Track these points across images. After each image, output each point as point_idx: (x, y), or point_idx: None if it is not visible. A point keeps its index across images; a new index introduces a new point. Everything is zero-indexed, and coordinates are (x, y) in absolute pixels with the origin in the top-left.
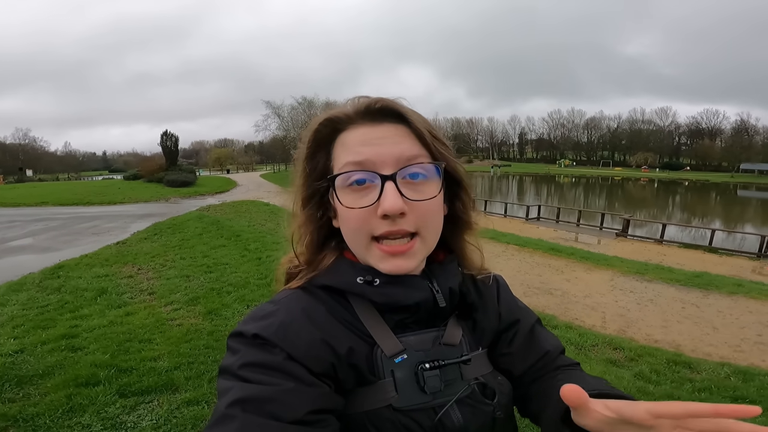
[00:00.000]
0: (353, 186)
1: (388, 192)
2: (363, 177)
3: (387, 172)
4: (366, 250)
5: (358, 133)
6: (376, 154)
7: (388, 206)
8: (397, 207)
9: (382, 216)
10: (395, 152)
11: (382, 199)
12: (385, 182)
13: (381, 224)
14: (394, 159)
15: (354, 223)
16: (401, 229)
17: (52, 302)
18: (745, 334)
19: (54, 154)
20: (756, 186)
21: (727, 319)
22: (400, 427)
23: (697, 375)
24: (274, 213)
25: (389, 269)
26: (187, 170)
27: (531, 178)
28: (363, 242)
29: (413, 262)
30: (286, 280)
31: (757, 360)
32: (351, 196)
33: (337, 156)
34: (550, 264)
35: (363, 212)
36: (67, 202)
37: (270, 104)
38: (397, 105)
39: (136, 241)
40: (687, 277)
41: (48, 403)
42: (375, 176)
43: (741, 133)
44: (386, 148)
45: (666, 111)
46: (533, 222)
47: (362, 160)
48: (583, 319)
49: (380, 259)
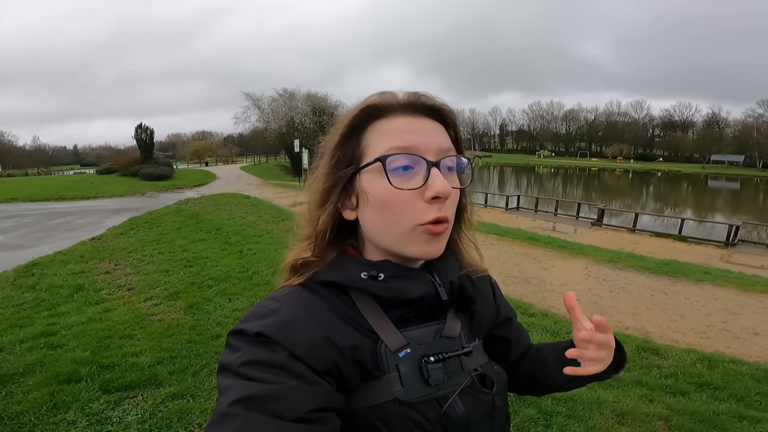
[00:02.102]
0: (397, 172)
1: (437, 176)
2: (408, 163)
3: (432, 159)
4: (407, 235)
5: (401, 122)
6: (421, 141)
7: (440, 188)
8: (448, 189)
9: (431, 199)
10: (437, 143)
11: (433, 182)
12: (431, 168)
13: (429, 209)
14: (436, 148)
15: (400, 206)
16: (445, 215)
17: (28, 300)
18: (710, 321)
19: (22, 149)
20: (726, 177)
21: (693, 306)
22: (406, 419)
23: (664, 362)
24: (254, 205)
25: (430, 252)
26: (164, 163)
27: (511, 168)
28: (407, 226)
29: (443, 245)
30: (291, 273)
31: (721, 347)
32: (396, 181)
33: (375, 142)
34: (528, 253)
35: (410, 195)
36: (38, 198)
37: (250, 96)
38: (437, 101)
39: (112, 237)
40: (657, 265)
41: (31, 401)
42: (420, 162)
43: (712, 126)
44: (429, 137)
45: (641, 104)
46: (513, 212)
47: (408, 146)
48: (558, 307)
49: (423, 241)
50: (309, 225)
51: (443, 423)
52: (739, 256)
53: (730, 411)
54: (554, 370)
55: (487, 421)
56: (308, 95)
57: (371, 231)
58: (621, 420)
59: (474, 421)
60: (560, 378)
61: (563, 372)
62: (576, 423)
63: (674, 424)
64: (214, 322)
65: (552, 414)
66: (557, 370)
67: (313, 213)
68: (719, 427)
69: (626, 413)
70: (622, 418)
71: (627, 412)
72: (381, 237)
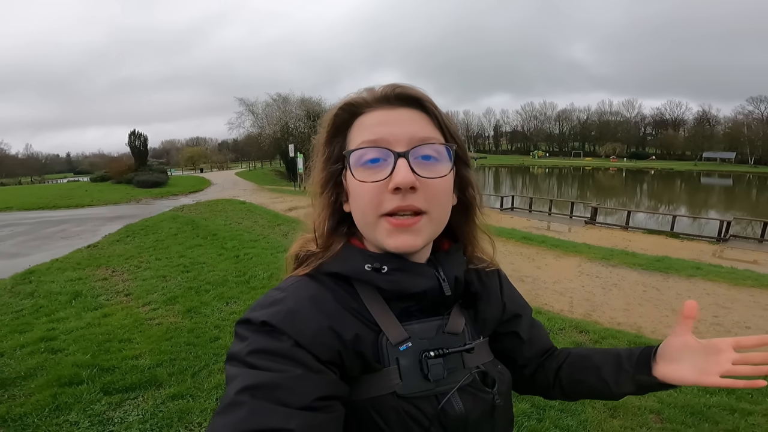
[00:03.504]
0: (367, 165)
1: (401, 167)
2: (377, 155)
3: (400, 150)
4: (374, 227)
5: (375, 116)
6: (390, 133)
7: (399, 179)
8: (408, 180)
9: (393, 190)
10: (409, 132)
11: (395, 173)
12: (398, 159)
13: (392, 199)
14: (407, 138)
15: (365, 198)
16: (410, 205)
17: (26, 307)
18: (702, 316)
19: (15, 157)
20: (718, 173)
21: (685, 301)
22: (403, 414)
23: None
24: (250, 211)
25: (396, 245)
26: (158, 170)
27: (506, 169)
28: (372, 218)
29: (419, 239)
30: (296, 265)
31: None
32: (364, 173)
33: (353, 138)
34: (521, 252)
35: (375, 187)
36: (32, 207)
37: (244, 101)
38: (412, 90)
39: (108, 244)
40: (649, 261)
41: (34, 403)
42: (388, 153)
43: (703, 123)
44: (400, 128)
45: (632, 102)
46: (507, 212)
47: (377, 138)
48: (552, 304)
49: (388, 234)
50: (312, 219)
51: (441, 419)
52: (731, 252)
53: (722, 404)
54: (613, 380)
55: (488, 420)
56: (302, 100)
57: (356, 223)
58: (613, 413)
59: (473, 419)
60: (621, 390)
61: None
62: (568, 417)
63: (666, 417)
64: (213, 325)
65: (545, 408)
66: (618, 381)
67: (314, 207)
68: (711, 420)
69: (618, 407)
70: (614, 412)
71: (619, 405)
72: (362, 229)
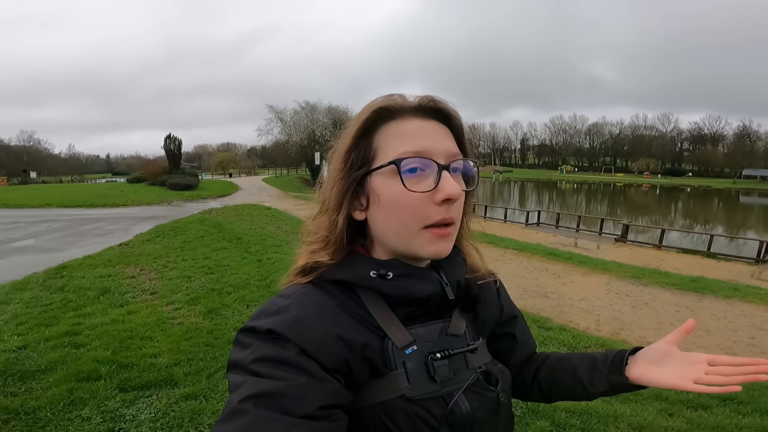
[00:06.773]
0: (407, 174)
1: (449, 179)
2: (421, 165)
3: (442, 162)
4: (414, 237)
5: (413, 125)
6: (432, 145)
7: (451, 190)
8: (458, 192)
9: (441, 201)
10: (446, 146)
11: (444, 185)
12: (441, 171)
13: (437, 210)
14: (445, 152)
15: (410, 208)
16: (452, 217)
17: (56, 301)
18: (737, 337)
19: (58, 157)
20: (758, 192)
21: (720, 322)
22: (412, 416)
23: None
24: (275, 217)
25: (435, 251)
26: (190, 173)
27: (533, 184)
28: (415, 229)
29: (451, 245)
30: (300, 274)
31: None
32: (408, 183)
33: (387, 144)
34: (547, 268)
35: (421, 197)
36: (71, 204)
37: (273, 108)
38: (446, 105)
39: (139, 243)
40: (683, 281)
41: (50, 397)
42: (432, 164)
43: (743, 139)
44: (438, 141)
45: (668, 117)
46: (533, 227)
47: (422, 150)
48: (577, 322)
49: (428, 242)
50: (325, 229)
51: (449, 420)
52: None
53: (754, 425)
54: (588, 380)
55: (492, 418)
56: (329, 108)
57: (381, 231)
58: None
59: (479, 418)
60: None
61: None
62: None
63: None
64: (232, 327)
65: (566, 427)
66: (593, 381)
67: (331, 216)
68: None
69: (644, 427)
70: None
71: (645, 426)
72: (390, 237)
